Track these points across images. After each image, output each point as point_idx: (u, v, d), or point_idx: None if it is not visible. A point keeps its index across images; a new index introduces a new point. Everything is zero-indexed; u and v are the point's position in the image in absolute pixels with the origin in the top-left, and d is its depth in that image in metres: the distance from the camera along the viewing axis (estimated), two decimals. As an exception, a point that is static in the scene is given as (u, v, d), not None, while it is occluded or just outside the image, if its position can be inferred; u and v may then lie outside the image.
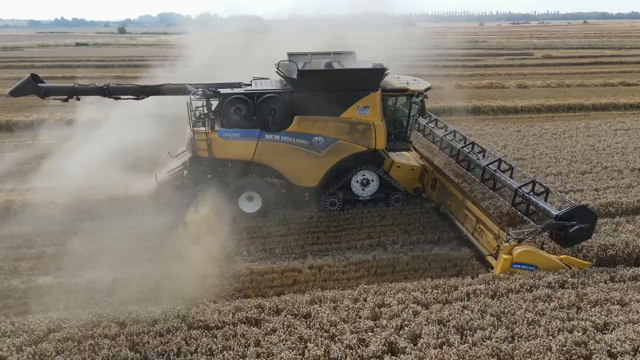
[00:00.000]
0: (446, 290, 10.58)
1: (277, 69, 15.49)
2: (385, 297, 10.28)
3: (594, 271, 11.28)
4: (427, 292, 10.45)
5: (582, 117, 27.68)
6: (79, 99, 15.47)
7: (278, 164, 14.92)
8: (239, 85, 15.66)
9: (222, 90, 14.75)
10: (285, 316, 9.63)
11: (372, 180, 15.72)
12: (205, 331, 9.20)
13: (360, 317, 9.59)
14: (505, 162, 14.82)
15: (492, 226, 12.86)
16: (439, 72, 42.53)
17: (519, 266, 11.45)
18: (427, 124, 19.28)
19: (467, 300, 10.23)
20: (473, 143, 16.43)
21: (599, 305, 10.02)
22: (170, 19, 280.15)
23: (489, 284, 10.78)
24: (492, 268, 11.95)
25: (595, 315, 9.61)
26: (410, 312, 9.74)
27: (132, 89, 15.29)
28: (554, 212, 11.77)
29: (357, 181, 15.66)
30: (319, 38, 24.30)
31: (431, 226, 14.56)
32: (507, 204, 13.85)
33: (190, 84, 15.10)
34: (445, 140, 17.54)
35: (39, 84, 14.92)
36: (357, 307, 9.92)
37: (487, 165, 14.76)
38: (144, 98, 15.38)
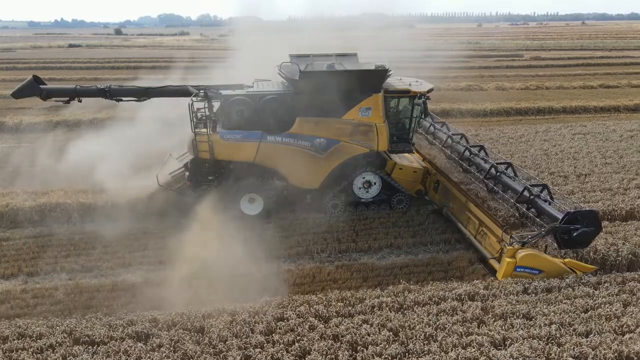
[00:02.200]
0: (351, 302, 10.35)
1: (279, 70, 15.44)
2: (287, 310, 10.04)
3: (508, 283, 11.01)
4: (330, 305, 10.21)
5: (549, 120, 27.41)
6: (80, 101, 15.59)
7: (280, 165, 14.88)
8: (240, 86, 15.67)
9: (224, 92, 14.76)
10: (177, 331, 9.40)
11: (375, 183, 15.63)
12: (89, 347, 8.98)
13: (253, 332, 9.35)
14: (507, 164, 14.56)
15: (495, 229, 12.68)
16: (422, 73, 42.23)
17: (522, 270, 11.32)
18: (429, 126, 19.10)
19: (369, 314, 9.99)
20: (481, 147, 16.18)
21: (503, 319, 9.78)
22: (170, 20, 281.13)
23: (397, 296, 10.54)
24: (495, 272, 11.82)
25: (495, 330, 9.36)
26: (307, 327, 9.51)
27: (134, 90, 15.41)
28: (559, 216, 11.57)
29: (359, 183, 15.58)
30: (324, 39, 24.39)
31: (364, 234, 14.33)
32: (509, 207, 13.69)
33: (192, 86, 15.18)
34: (447, 142, 17.30)
35: (41, 86, 14.98)
36: (254, 321, 9.68)
37: (491, 168, 14.52)
38: (145, 100, 15.48)
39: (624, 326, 9.46)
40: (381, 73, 14.44)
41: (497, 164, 14.58)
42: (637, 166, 17.70)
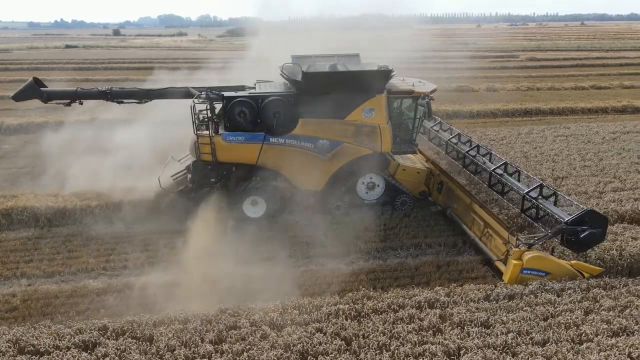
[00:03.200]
0: (308, 310, 10.14)
1: (281, 71, 15.33)
2: (241, 318, 9.84)
3: (470, 289, 10.81)
4: (286, 313, 10.00)
5: (535, 122, 27.16)
6: (81, 103, 15.57)
7: (282, 167, 14.78)
8: (242, 88, 15.58)
9: (226, 94, 14.65)
10: (125, 339, 9.20)
11: (378, 184, 15.55)
12: (33, 357, 8.78)
13: (203, 341, 9.16)
14: (512, 166, 14.39)
15: (501, 231, 12.56)
16: (416, 74, 41.95)
17: (529, 272, 11.20)
18: (432, 127, 18.92)
19: (325, 322, 9.79)
20: (479, 146, 16.04)
21: (460, 327, 9.58)
22: (170, 20, 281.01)
23: (355, 304, 10.34)
24: (502, 274, 11.71)
25: (451, 339, 9.17)
26: (259, 336, 9.31)
27: (135, 92, 15.36)
28: (565, 217, 11.42)
29: (362, 184, 15.51)
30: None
31: (334, 238, 13.96)
32: (514, 208, 13.53)
33: (193, 87, 15.12)
34: (450, 143, 17.13)
35: (42, 89, 14.93)
36: (206, 330, 9.48)
37: (494, 169, 14.35)
38: (146, 102, 15.45)
39: (582, 335, 9.26)
40: (384, 74, 14.37)
41: (501, 164, 14.42)
42: (615, 169, 17.47)
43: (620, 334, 9.30)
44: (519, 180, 13.68)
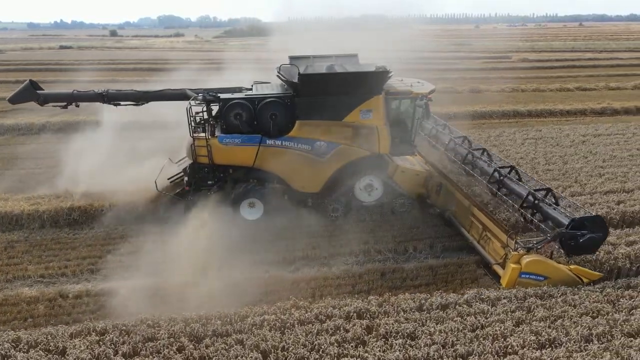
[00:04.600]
0: (232, 321, 9.85)
1: (278, 72, 15.18)
2: (161, 329, 9.56)
3: (403, 299, 10.51)
4: (208, 324, 9.71)
5: (511, 124, 26.84)
6: (78, 106, 15.43)
7: (280, 169, 14.65)
8: (239, 89, 15.47)
9: (222, 95, 14.52)
10: (37, 352, 8.93)
11: (376, 186, 15.38)
12: (-63, 369, 8.53)
13: (116, 354, 8.89)
14: (511, 168, 14.28)
15: (499, 234, 12.34)
16: (403, 74, 41.60)
17: (527, 276, 11.03)
18: (431, 128, 18.79)
19: (247, 333, 9.51)
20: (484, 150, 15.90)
21: (384, 339, 9.29)
22: (170, 21, 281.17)
23: (282, 314, 10.05)
24: (500, 277, 11.54)
25: (372, 352, 8.90)
26: (175, 348, 9.04)
27: (132, 94, 15.24)
28: (565, 221, 11.27)
29: (360, 186, 15.33)
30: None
31: (281, 244, 13.77)
32: (513, 211, 13.39)
33: (190, 89, 15.02)
34: (450, 145, 16.99)
35: (38, 91, 14.83)
36: (122, 342, 9.21)
37: (494, 171, 14.20)
38: (143, 104, 15.38)
39: (508, 347, 8.98)
40: (382, 74, 14.17)
41: (500, 167, 14.28)
42: (577, 173, 17.19)
43: (547, 346, 9.02)
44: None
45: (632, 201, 14.91)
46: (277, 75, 15.30)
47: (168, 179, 15.62)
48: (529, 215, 12.56)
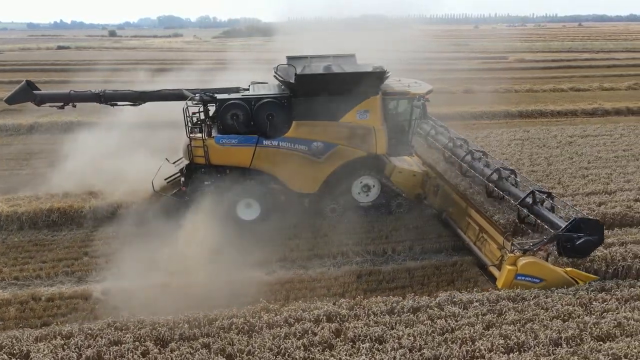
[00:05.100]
0: (200, 324, 9.77)
1: (275, 72, 15.16)
2: (127, 332, 9.49)
3: (374, 302, 10.43)
4: (175, 328, 9.64)
5: (501, 124, 26.76)
6: (74, 106, 15.47)
7: (276, 170, 14.61)
8: (236, 90, 15.42)
9: (219, 96, 14.47)
10: (2, 355, 8.87)
11: (373, 186, 15.34)
12: None
13: (81, 357, 8.81)
14: (510, 171, 14.25)
15: (496, 235, 12.33)
16: (399, 75, 41.44)
17: (523, 278, 10.98)
18: (430, 129, 18.74)
19: (214, 336, 9.43)
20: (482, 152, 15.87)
21: (352, 343, 9.21)
22: (170, 21, 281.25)
23: (251, 317, 9.97)
24: (495, 279, 11.50)
25: (338, 356, 8.82)
26: (139, 352, 8.96)
27: (129, 95, 15.22)
28: (561, 223, 11.23)
29: (358, 187, 15.30)
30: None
31: (261, 246, 13.60)
32: (510, 213, 13.39)
33: (187, 89, 15.00)
34: (448, 146, 16.95)
35: (35, 92, 14.80)
36: (87, 345, 9.13)
37: (491, 174, 14.18)
38: (140, 104, 15.35)
39: (476, 351, 8.89)
40: (379, 75, 14.11)
41: (499, 169, 14.22)
42: (561, 174, 17.08)
43: (515, 350, 8.93)
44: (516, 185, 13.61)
45: (614, 203, 14.80)
46: (274, 76, 15.29)
47: (165, 179, 15.60)
48: (526, 211, 12.52)
